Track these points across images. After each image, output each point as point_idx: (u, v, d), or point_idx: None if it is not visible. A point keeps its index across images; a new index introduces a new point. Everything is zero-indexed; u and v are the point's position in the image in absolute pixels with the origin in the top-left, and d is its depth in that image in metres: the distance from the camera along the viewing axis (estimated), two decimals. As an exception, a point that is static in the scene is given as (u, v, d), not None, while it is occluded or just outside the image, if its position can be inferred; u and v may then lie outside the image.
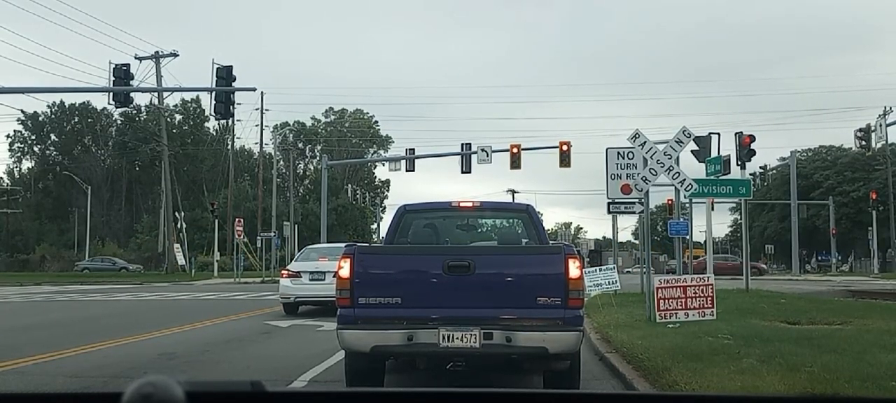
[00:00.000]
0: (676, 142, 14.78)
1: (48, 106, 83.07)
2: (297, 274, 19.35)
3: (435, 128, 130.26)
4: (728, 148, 26.39)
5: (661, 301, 12.95)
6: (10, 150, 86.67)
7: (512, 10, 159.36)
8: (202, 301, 26.02)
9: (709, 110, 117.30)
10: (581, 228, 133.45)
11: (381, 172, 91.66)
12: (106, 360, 10.91)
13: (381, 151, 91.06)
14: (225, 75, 26.69)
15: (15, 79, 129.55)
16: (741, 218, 38.54)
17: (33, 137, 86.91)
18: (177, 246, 58.21)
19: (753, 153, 25.62)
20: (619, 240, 58.59)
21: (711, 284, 13.26)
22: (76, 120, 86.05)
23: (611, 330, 12.60)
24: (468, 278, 7.63)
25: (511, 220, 10.86)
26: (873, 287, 33.01)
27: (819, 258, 72.65)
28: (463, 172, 39.15)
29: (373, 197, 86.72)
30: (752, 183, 31.81)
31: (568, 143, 37.16)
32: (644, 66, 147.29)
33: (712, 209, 33.57)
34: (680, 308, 12.87)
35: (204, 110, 76.20)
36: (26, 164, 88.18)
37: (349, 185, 70.28)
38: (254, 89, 32.88)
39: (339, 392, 4.63)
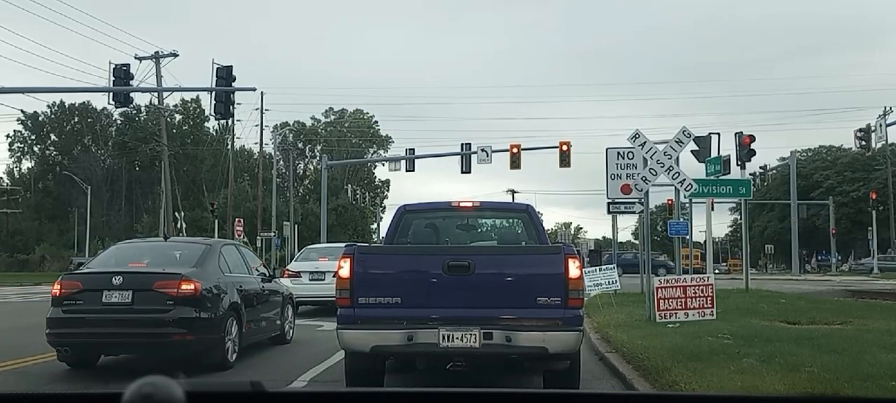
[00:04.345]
0: (676, 142, 14.78)
1: (48, 106, 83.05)
2: (297, 274, 19.34)
3: (435, 128, 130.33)
4: (728, 148, 26.44)
5: (661, 301, 12.97)
6: (10, 150, 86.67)
7: (511, 10, 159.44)
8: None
9: (709, 110, 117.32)
10: (581, 228, 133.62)
11: (381, 172, 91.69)
12: (106, 360, 10.91)
13: (381, 151, 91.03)
14: (225, 75, 26.69)
15: (15, 79, 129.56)
16: (741, 219, 38.57)
17: (33, 137, 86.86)
18: (177, 246, 58.03)
19: (753, 153, 25.63)
20: (619, 240, 58.60)
21: (711, 284, 13.28)
22: (76, 120, 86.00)
23: (611, 329, 12.60)
24: (468, 278, 7.63)
25: (511, 220, 10.86)
26: (873, 287, 32.99)
27: (819, 258, 72.67)
28: (463, 172, 39.12)
29: (373, 197, 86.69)
30: (752, 183, 31.78)
31: (568, 143, 37.15)
32: (644, 65, 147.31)
33: (712, 209, 33.61)
34: (680, 308, 12.88)
35: (204, 110, 76.08)
36: (26, 164, 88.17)
37: (349, 185, 70.24)
38: (254, 89, 32.93)
39: (339, 392, 4.63)
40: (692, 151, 22.88)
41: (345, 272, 7.72)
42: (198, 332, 9.93)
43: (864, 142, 32.66)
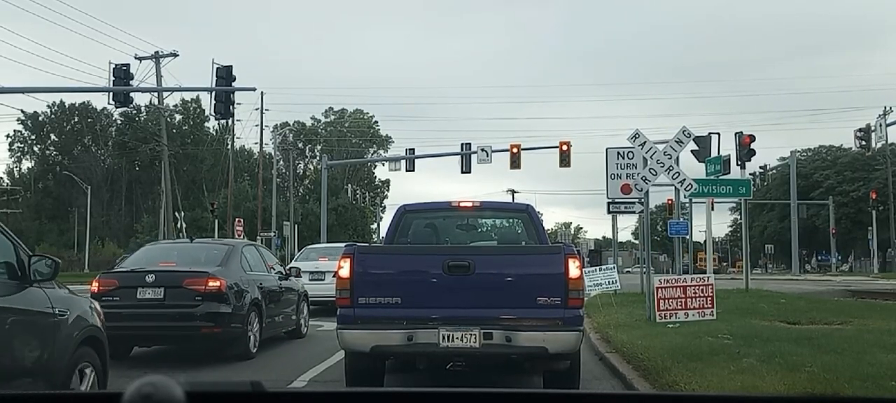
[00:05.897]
0: (676, 142, 14.78)
1: (48, 106, 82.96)
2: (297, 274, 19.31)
3: (435, 128, 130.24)
4: (728, 148, 26.41)
5: (661, 301, 12.96)
6: (10, 150, 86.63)
7: (512, 10, 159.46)
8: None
9: (709, 110, 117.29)
10: (581, 228, 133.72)
11: (381, 172, 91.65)
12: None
13: (381, 151, 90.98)
14: (225, 75, 26.68)
15: (15, 79, 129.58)
16: (741, 218, 38.56)
17: (33, 137, 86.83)
18: (177, 246, 57.96)
19: (753, 153, 25.62)
20: (619, 240, 58.61)
21: (711, 284, 13.27)
22: (76, 120, 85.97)
23: (611, 329, 12.59)
24: (468, 278, 7.63)
25: (511, 220, 10.85)
26: (873, 287, 32.97)
27: (819, 258, 72.73)
28: (463, 172, 39.11)
29: (373, 197, 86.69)
30: (752, 183, 31.75)
31: (568, 143, 37.13)
32: (644, 65, 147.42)
33: (712, 209, 33.57)
34: (680, 308, 12.87)
35: (204, 110, 76.01)
36: (26, 164, 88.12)
37: (349, 185, 70.24)
38: (254, 89, 32.99)
39: (339, 392, 4.63)
40: (692, 151, 22.86)
41: (345, 272, 7.71)
42: (224, 325, 10.85)
43: (864, 142, 32.66)
